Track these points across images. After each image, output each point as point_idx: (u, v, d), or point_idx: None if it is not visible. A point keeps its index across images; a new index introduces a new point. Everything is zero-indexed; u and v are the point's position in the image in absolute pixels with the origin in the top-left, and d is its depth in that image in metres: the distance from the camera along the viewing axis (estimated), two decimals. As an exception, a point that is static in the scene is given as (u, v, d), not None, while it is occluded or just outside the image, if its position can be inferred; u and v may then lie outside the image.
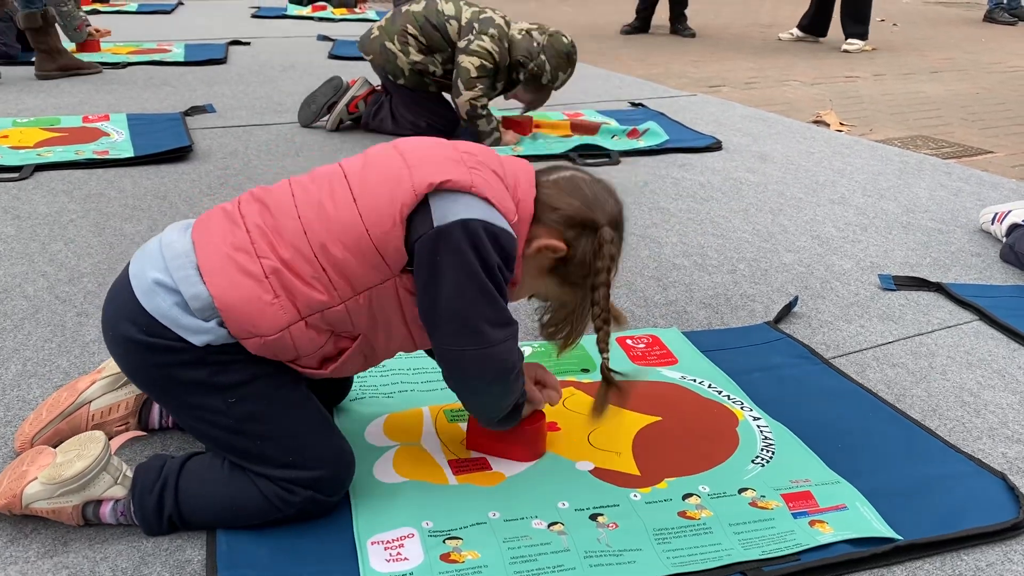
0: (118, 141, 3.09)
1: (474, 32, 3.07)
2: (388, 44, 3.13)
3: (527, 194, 1.25)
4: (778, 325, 1.93)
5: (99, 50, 4.72)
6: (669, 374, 1.70)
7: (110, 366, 1.44)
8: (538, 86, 3.18)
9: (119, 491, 1.22)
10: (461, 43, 3.08)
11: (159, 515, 1.22)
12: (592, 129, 3.41)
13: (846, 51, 6.07)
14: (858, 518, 1.29)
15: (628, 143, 3.30)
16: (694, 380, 1.68)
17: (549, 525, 1.26)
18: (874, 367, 1.79)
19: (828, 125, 3.94)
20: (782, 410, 1.58)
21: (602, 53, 5.69)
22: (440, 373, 1.63)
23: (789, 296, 2.09)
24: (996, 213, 2.50)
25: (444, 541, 1.22)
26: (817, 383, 1.69)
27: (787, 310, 1.99)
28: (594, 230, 1.25)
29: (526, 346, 1.78)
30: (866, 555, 1.22)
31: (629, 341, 1.82)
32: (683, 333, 1.87)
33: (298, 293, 1.18)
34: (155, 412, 1.46)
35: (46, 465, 1.22)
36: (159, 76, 4.31)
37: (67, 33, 4.45)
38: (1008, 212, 2.45)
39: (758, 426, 1.53)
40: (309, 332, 1.20)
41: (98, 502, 1.22)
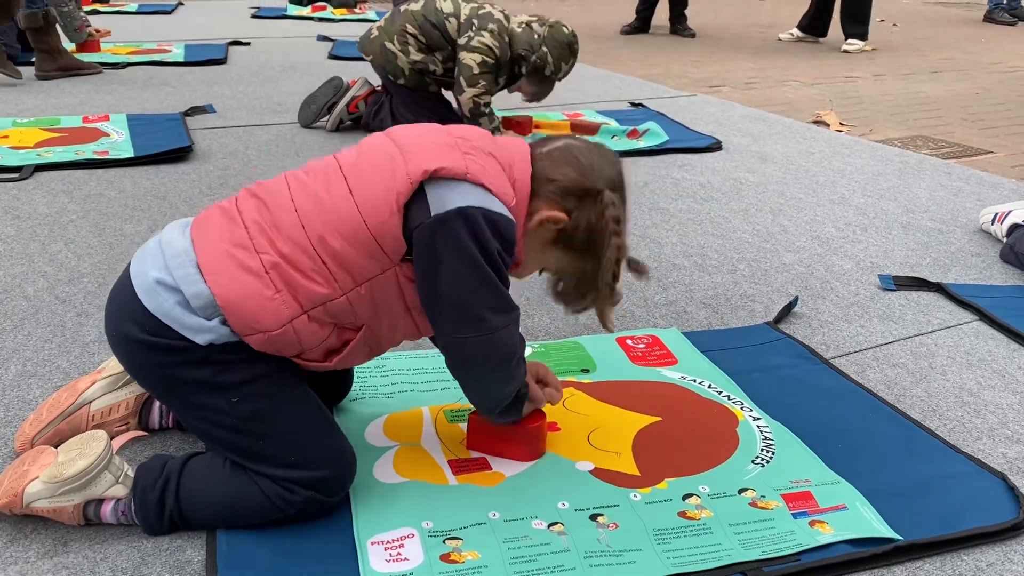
0: (118, 141, 3.09)
1: (474, 28, 3.06)
2: (388, 44, 3.13)
3: (523, 172, 1.25)
4: (778, 325, 1.93)
5: (99, 50, 4.71)
6: (669, 374, 1.70)
7: (110, 366, 1.44)
8: (541, 78, 3.17)
9: (120, 490, 1.22)
10: (461, 40, 3.07)
11: (160, 514, 1.22)
12: (592, 129, 3.41)
13: (846, 51, 6.07)
14: (858, 518, 1.29)
15: (628, 143, 3.30)
16: (694, 380, 1.68)
17: (549, 525, 1.26)
18: (874, 367, 1.79)
19: (828, 125, 3.94)
20: (782, 410, 1.58)
21: (602, 53, 5.69)
22: (440, 374, 1.65)
23: (789, 296, 2.09)
24: (996, 213, 2.50)
25: (444, 541, 1.22)
26: (817, 383, 1.69)
27: (787, 310, 1.99)
28: (594, 196, 1.25)
29: (526, 346, 1.78)
30: (866, 555, 1.22)
31: (629, 341, 1.82)
32: (683, 333, 1.87)
33: (299, 287, 1.18)
34: (155, 412, 1.46)
35: (47, 464, 1.21)
36: (159, 76, 4.31)
37: (67, 33, 4.45)
38: (1008, 212, 2.45)
39: (758, 426, 1.53)
40: (312, 325, 1.20)
41: (99, 501, 1.22)
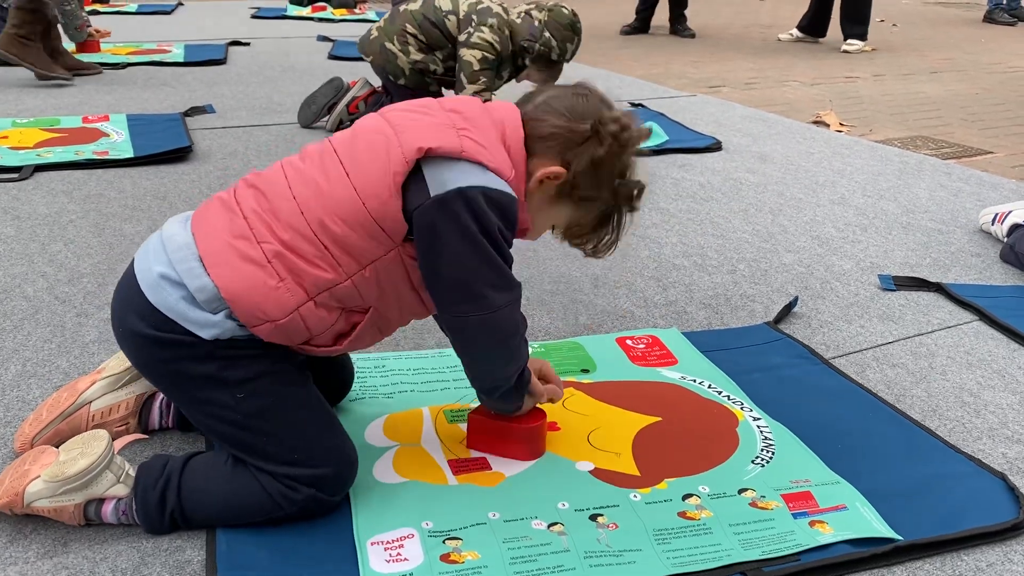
0: (118, 141, 3.09)
1: (473, 24, 3.05)
2: (388, 44, 3.13)
3: (516, 139, 1.24)
4: (778, 325, 1.93)
5: (99, 51, 4.71)
6: (669, 374, 1.70)
7: (110, 366, 1.44)
8: (548, 63, 3.16)
9: (122, 490, 1.22)
10: (461, 36, 3.07)
11: (161, 512, 1.22)
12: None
13: (846, 51, 6.07)
14: (858, 518, 1.29)
15: (628, 143, 3.30)
16: (694, 380, 1.68)
17: (549, 525, 1.26)
18: (874, 367, 1.79)
19: (828, 125, 3.94)
20: (782, 410, 1.58)
21: (602, 53, 5.69)
22: (440, 374, 1.65)
23: (789, 296, 2.09)
24: (996, 214, 2.50)
25: (444, 541, 1.22)
26: (817, 383, 1.69)
27: (787, 310, 1.99)
28: (592, 133, 1.24)
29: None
30: (866, 555, 1.22)
31: (629, 341, 1.82)
32: (683, 333, 1.87)
33: (304, 274, 1.18)
34: (155, 413, 1.46)
35: (49, 464, 1.21)
36: (159, 76, 4.31)
37: (68, 33, 4.44)
38: (1009, 212, 2.45)
39: (758, 426, 1.53)
40: (319, 311, 1.20)
41: (100, 501, 1.22)
